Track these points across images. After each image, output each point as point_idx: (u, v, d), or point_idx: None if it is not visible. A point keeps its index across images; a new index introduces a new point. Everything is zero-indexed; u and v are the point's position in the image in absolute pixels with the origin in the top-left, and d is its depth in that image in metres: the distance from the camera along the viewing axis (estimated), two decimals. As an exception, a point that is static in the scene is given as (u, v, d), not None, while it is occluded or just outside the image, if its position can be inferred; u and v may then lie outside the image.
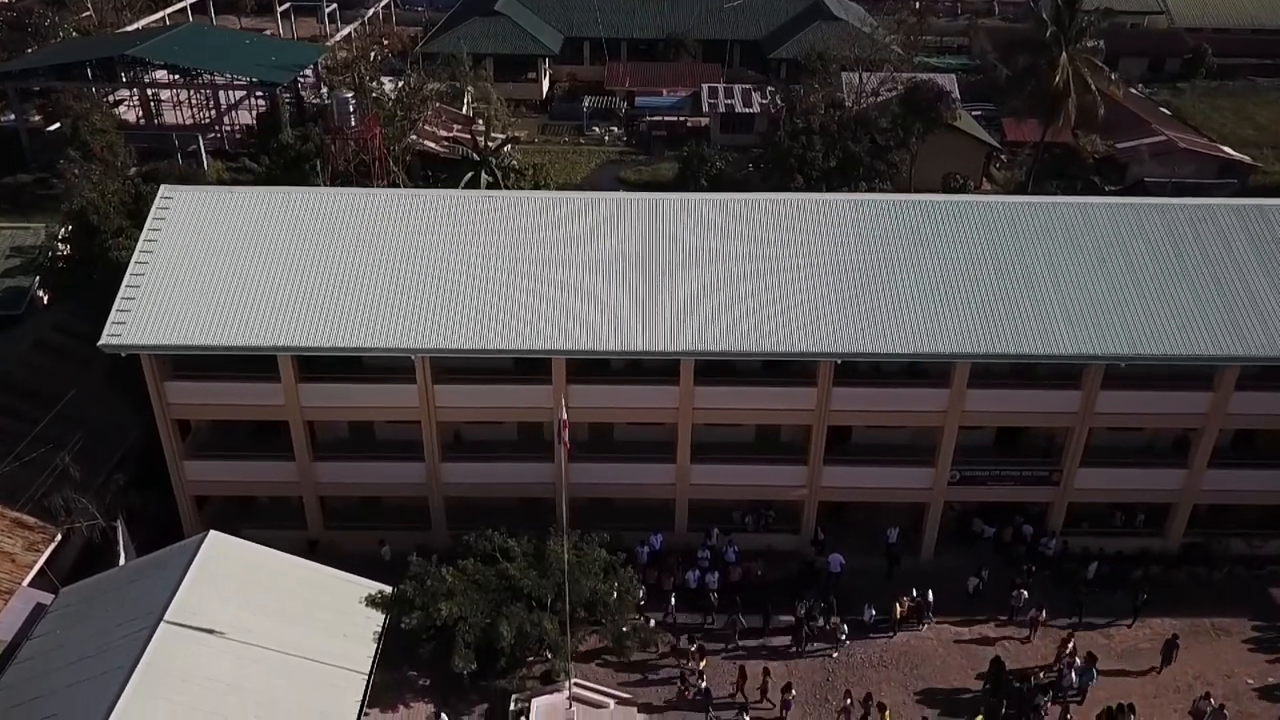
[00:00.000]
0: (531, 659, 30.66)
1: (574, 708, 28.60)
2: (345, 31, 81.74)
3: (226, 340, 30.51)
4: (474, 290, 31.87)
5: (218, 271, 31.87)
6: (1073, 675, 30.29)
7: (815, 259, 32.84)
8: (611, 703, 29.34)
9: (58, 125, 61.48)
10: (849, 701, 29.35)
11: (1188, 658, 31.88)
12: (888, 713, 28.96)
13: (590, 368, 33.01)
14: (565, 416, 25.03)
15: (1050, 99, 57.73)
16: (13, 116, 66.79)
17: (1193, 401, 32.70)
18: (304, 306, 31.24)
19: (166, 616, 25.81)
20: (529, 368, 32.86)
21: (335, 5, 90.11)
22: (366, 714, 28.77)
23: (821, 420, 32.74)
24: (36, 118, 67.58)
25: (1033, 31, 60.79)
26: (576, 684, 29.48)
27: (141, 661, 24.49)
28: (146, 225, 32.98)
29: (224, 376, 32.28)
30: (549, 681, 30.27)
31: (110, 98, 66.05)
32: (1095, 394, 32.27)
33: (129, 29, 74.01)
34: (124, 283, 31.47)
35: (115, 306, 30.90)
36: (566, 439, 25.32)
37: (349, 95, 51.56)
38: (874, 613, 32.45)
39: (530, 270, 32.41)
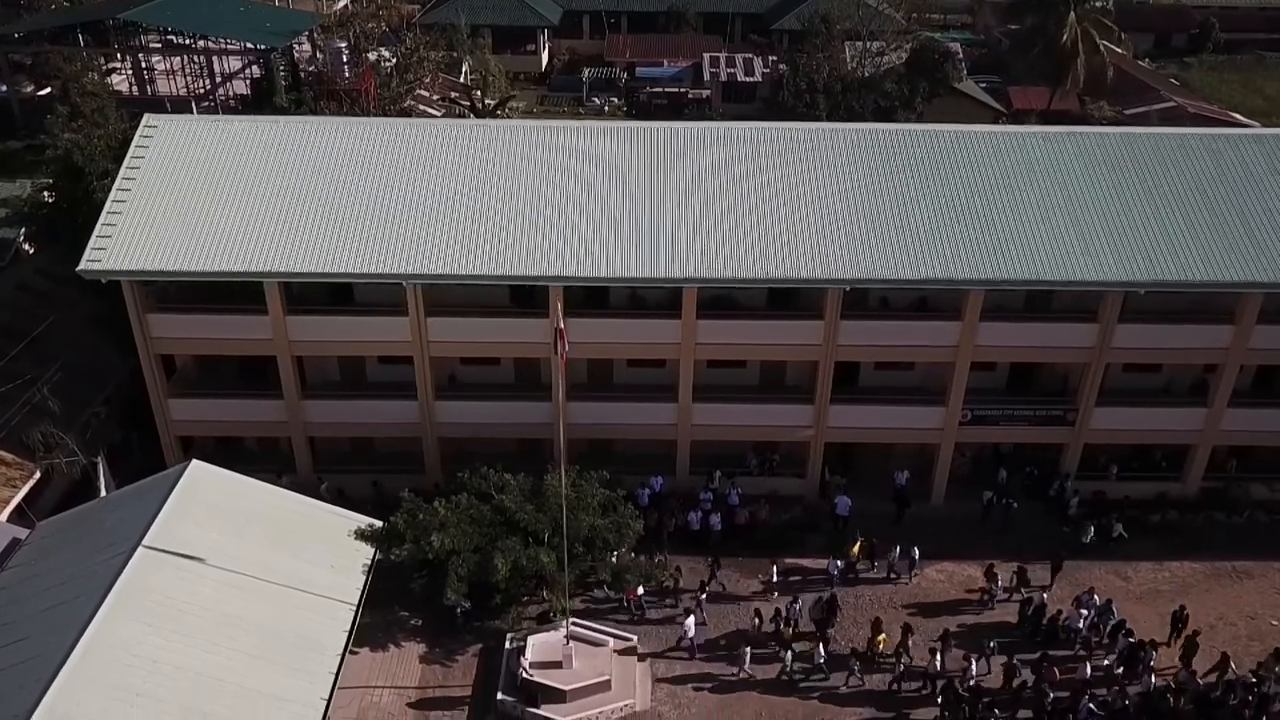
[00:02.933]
0: (527, 598, 29.47)
1: (571, 645, 27.38)
2: (342, 3, 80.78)
3: (211, 266, 29.37)
4: (469, 218, 30.71)
5: (203, 199, 30.72)
6: (1079, 614, 29.06)
7: (823, 188, 31.68)
8: (610, 640, 28.15)
9: (48, 90, 60.49)
10: (757, 621, 28.83)
11: (1210, 600, 30.78)
12: (793, 628, 28.46)
13: (589, 300, 31.92)
14: (562, 325, 23.85)
15: (1058, 59, 56.87)
16: (4, 87, 65.88)
17: (1213, 335, 31.55)
18: (293, 234, 30.07)
19: (145, 542, 24.67)
20: (525, 299, 31.77)
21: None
22: (355, 652, 27.72)
23: (828, 356, 31.55)
24: (29, 88, 66.65)
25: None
26: (574, 623, 28.30)
27: (117, 584, 23.34)
28: (129, 153, 31.87)
29: (210, 309, 31.16)
30: (545, 622, 29.10)
31: (103, 64, 65.13)
32: (1112, 327, 31.11)
33: (123, -1, 73.05)
34: (105, 209, 30.38)
35: (95, 233, 29.80)
36: (564, 351, 24.11)
37: (342, 45, 50.48)
38: (839, 564, 31.02)
39: (527, 198, 31.24)
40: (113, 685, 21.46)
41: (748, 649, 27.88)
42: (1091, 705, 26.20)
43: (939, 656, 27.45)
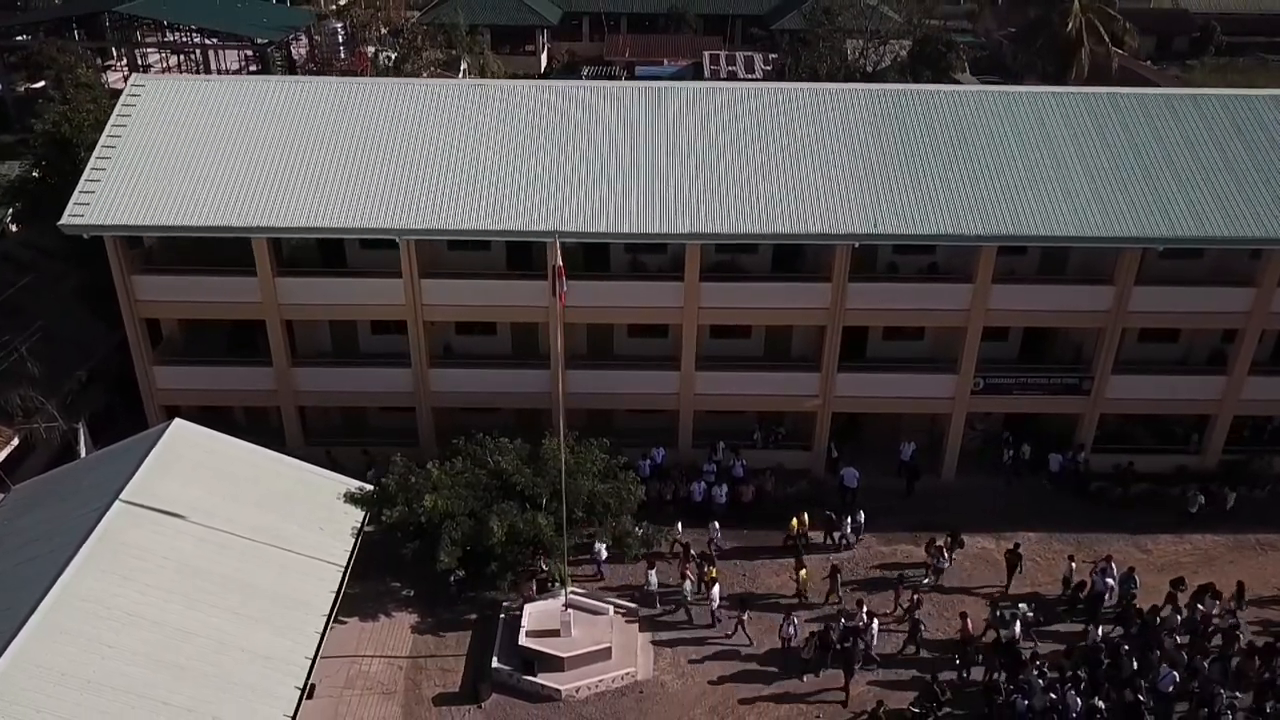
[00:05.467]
0: (523, 568, 28.18)
1: (569, 613, 26.14)
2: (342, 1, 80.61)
3: (198, 222, 28.37)
4: (464, 174, 29.73)
5: (190, 156, 29.76)
6: (1106, 582, 27.84)
7: (831, 146, 30.74)
8: (610, 609, 26.90)
9: (42, 84, 59.91)
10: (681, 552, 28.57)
11: (1234, 572, 29.44)
12: (715, 569, 27.97)
13: (589, 263, 30.94)
14: (560, 263, 22.81)
15: (1062, 50, 56.21)
16: (-1, 85, 65.48)
17: (1233, 299, 30.53)
18: (283, 190, 29.07)
19: (123, 496, 23.54)
20: (522, 262, 30.80)
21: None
22: (343, 621, 26.58)
23: (836, 320, 30.48)
24: (22, 88, 66.15)
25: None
26: (573, 593, 27.09)
27: (91, 537, 22.21)
28: (115, 111, 31.02)
29: (197, 270, 30.13)
30: (543, 591, 27.86)
31: (99, 63, 64.66)
32: (1129, 290, 30.10)
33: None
34: (89, 165, 29.46)
35: (79, 188, 28.83)
36: (563, 292, 23.07)
37: (338, 25, 49.82)
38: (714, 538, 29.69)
39: (525, 155, 30.28)
40: (83, 636, 20.30)
41: (652, 572, 27.68)
42: (1175, 672, 24.78)
43: (875, 620, 26.35)
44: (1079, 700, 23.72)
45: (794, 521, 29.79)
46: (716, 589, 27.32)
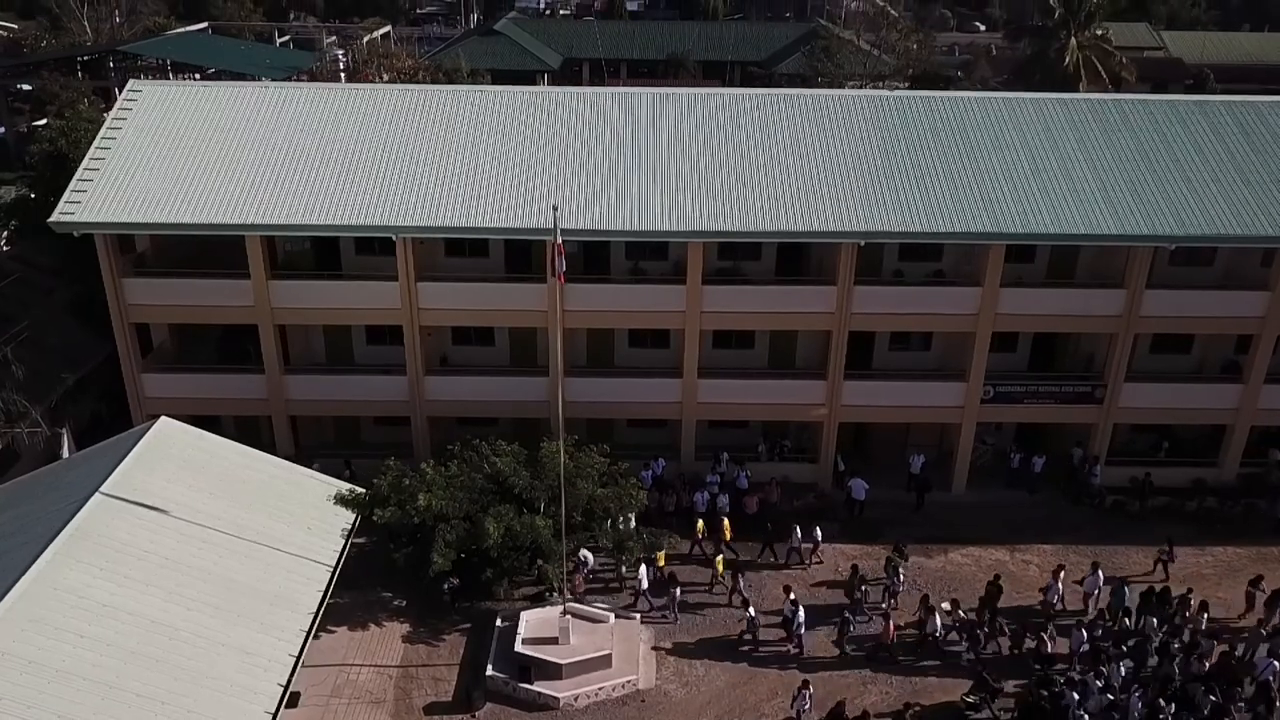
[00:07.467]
0: (520, 578, 27.08)
1: (568, 619, 24.98)
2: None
3: (191, 220, 27.84)
4: (463, 176, 29.28)
5: (185, 157, 29.31)
6: (1058, 588, 26.91)
7: (836, 151, 30.35)
8: (611, 616, 25.74)
9: (44, 120, 60.16)
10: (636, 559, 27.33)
11: (1258, 583, 28.53)
12: (662, 556, 27.54)
13: (589, 267, 30.38)
14: (560, 241, 22.13)
15: (1058, 87, 56.31)
16: (1, 129, 65.83)
17: (1247, 302, 29.92)
18: (278, 191, 28.56)
19: (103, 489, 22.58)
20: (521, 265, 30.24)
21: (334, 38, 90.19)
22: (331, 631, 25.47)
23: (842, 325, 29.83)
24: (24, 129, 66.50)
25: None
26: (572, 603, 25.95)
27: (68, 528, 21.19)
28: (111, 114, 30.74)
29: (189, 273, 29.52)
30: (540, 602, 26.72)
31: (102, 106, 65.13)
32: (1140, 293, 29.52)
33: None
34: (82, 165, 29.02)
35: (70, 187, 28.34)
36: (562, 273, 22.41)
37: (340, 53, 50.01)
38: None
39: (526, 157, 29.88)
40: (55, 625, 19.18)
41: (588, 552, 27.27)
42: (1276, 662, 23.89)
43: (800, 609, 25.34)
44: (1140, 703, 22.53)
45: (700, 523, 28.79)
46: (643, 569, 26.55)
